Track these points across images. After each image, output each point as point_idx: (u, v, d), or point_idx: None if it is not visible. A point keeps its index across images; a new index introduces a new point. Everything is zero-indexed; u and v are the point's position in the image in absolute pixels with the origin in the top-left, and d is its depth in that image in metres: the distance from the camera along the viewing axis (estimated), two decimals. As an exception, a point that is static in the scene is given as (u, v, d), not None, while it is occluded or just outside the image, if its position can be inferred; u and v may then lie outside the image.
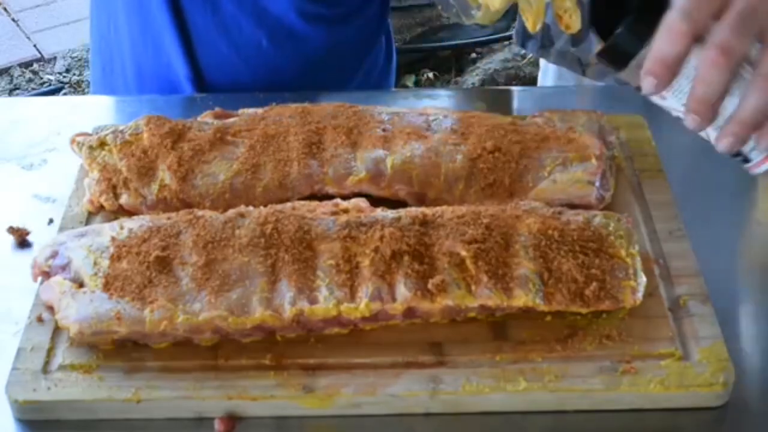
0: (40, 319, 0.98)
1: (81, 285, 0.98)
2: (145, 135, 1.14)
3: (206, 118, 1.18)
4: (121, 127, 1.16)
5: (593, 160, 1.12)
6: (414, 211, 1.04)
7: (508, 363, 0.94)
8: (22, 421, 0.93)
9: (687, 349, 0.96)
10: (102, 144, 1.14)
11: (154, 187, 1.10)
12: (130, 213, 1.09)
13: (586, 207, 1.08)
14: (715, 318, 0.99)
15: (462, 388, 0.92)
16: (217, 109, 1.20)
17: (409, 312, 0.97)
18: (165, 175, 1.11)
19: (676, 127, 1.30)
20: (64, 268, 1.00)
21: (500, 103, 1.22)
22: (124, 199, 1.10)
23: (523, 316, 0.99)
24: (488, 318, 0.98)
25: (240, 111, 1.19)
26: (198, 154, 1.12)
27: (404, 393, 0.92)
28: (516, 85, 2.85)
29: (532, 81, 2.87)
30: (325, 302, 0.95)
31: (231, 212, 1.04)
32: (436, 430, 0.92)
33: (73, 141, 1.16)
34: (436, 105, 1.25)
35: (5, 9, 3.65)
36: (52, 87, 3.10)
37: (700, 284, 1.02)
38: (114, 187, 1.11)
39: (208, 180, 1.11)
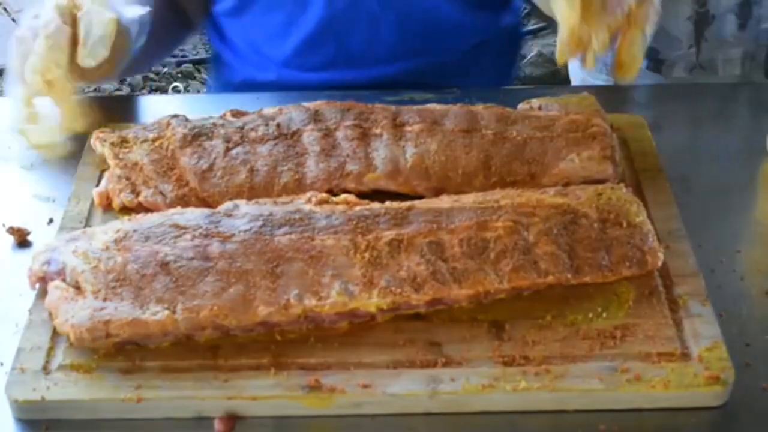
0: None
1: (79, 289, 0.98)
2: (167, 133, 1.15)
3: (224, 117, 1.19)
4: (143, 126, 1.17)
5: (605, 136, 1.15)
6: (420, 201, 1.06)
7: (508, 363, 0.94)
8: (22, 421, 0.93)
9: (687, 348, 0.96)
10: (124, 141, 1.15)
11: (174, 185, 1.11)
12: (148, 210, 1.10)
13: (604, 182, 1.11)
14: (715, 318, 0.99)
15: (462, 387, 0.92)
16: (234, 109, 1.20)
17: (434, 301, 0.97)
18: (185, 173, 1.12)
19: (676, 127, 1.31)
20: (60, 273, 1.00)
21: (500, 103, 1.22)
22: (143, 196, 1.11)
23: (523, 315, 0.99)
24: (488, 318, 0.99)
25: (257, 111, 1.20)
26: (217, 153, 1.14)
27: (404, 393, 0.92)
28: (516, 85, 2.84)
29: (532, 81, 2.87)
30: (339, 297, 0.95)
31: (221, 207, 1.04)
32: (436, 429, 0.92)
33: (95, 137, 1.17)
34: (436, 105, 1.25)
35: (5, 9, 3.65)
36: (52, 87, 3.09)
37: (699, 284, 1.02)
38: (134, 184, 1.12)
39: (227, 178, 1.12)
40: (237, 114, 1.20)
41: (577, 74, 1.74)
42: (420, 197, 1.11)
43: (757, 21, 1.49)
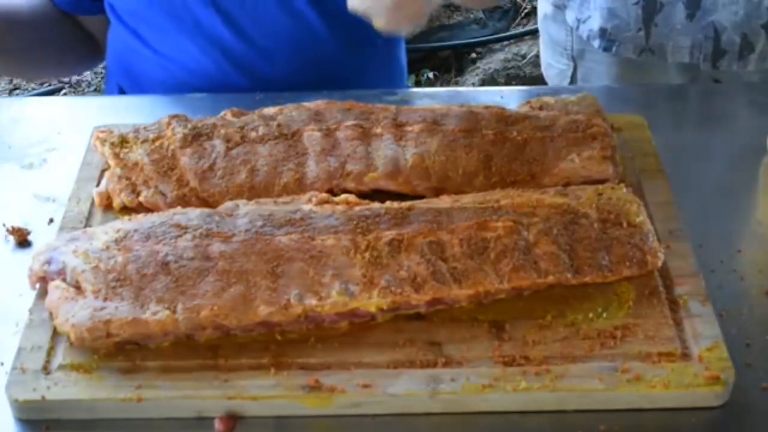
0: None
1: (79, 288, 0.98)
2: (167, 133, 1.15)
3: (224, 117, 1.19)
4: (143, 126, 1.18)
5: (605, 136, 1.15)
6: (421, 201, 1.07)
7: (508, 363, 0.94)
8: (22, 421, 0.93)
9: (687, 348, 0.96)
10: (124, 141, 1.16)
11: (174, 185, 1.11)
12: (148, 210, 1.10)
13: (604, 182, 1.11)
14: (715, 318, 0.99)
15: (462, 387, 0.92)
16: (234, 109, 1.20)
17: (434, 301, 0.97)
18: (185, 173, 1.12)
19: (676, 127, 1.31)
20: (60, 273, 1.00)
21: (500, 103, 1.23)
22: (143, 196, 1.11)
23: (524, 315, 0.99)
24: (488, 318, 0.99)
25: (257, 111, 1.20)
26: (218, 152, 1.14)
27: (404, 393, 0.92)
28: (516, 85, 2.85)
29: (532, 81, 2.87)
30: (339, 297, 0.95)
31: (222, 207, 1.04)
32: (436, 429, 0.92)
33: (96, 137, 1.17)
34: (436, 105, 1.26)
35: (5, 9, 3.64)
36: (52, 87, 3.09)
37: (699, 284, 1.02)
38: (134, 184, 1.12)
39: (227, 178, 1.12)
40: (237, 114, 1.20)
41: (543, 59, 1.78)
42: (420, 197, 1.11)
43: (705, 13, 1.51)
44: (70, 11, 1.48)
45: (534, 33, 3.09)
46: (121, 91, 1.51)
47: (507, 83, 2.94)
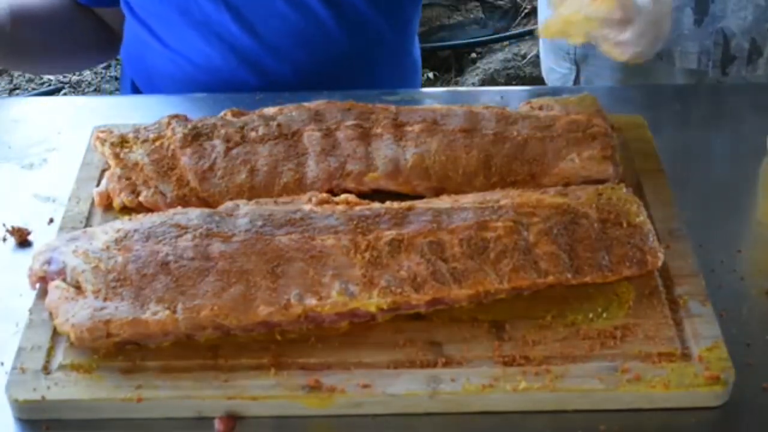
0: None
1: (79, 288, 0.98)
2: (167, 133, 1.15)
3: (224, 117, 1.20)
4: (143, 126, 1.18)
5: (605, 136, 1.15)
6: (421, 201, 1.07)
7: (508, 363, 0.94)
8: (22, 421, 0.93)
9: (687, 349, 0.96)
10: (124, 141, 1.16)
11: (174, 185, 1.12)
12: (148, 210, 1.10)
13: (604, 182, 1.11)
14: (715, 318, 0.99)
15: (462, 387, 0.93)
16: (234, 109, 1.21)
17: (434, 301, 0.97)
18: (185, 173, 1.12)
19: (676, 128, 1.31)
20: (60, 273, 1.00)
21: (500, 103, 1.23)
22: (143, 196, 1.11)
23: (524, 315, 0.99)
24: (488, 318, 0.99)
25: (257, 111, 1.20)
26: (218, 152, 1.14)
27: (404, 393, 0.92)
28: (516, 85, 2.85)
29: (532, 81, 2.87)
30: (339, 297, 0.95)
31: (222, 207, 1.04)
32: (436, 429, 0.92)
33: (96, 137, 1.17)
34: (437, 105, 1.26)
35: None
36: (52, 87, 3.09)
37: (700, 284, 1.02)
38: (134, 184, 1.12)
39: (227, 178, 1.12)
40: (237, 114, 1.20)
41: (544, 62, 1.78)
42: (420, 197, 1.11)
43: (713, 19, 1.51)
44: (86, 3, 1.49)
45: (534, 33, 3.09)
46: (134, 86, 1.51)
47: (507, 83, 2.94)
